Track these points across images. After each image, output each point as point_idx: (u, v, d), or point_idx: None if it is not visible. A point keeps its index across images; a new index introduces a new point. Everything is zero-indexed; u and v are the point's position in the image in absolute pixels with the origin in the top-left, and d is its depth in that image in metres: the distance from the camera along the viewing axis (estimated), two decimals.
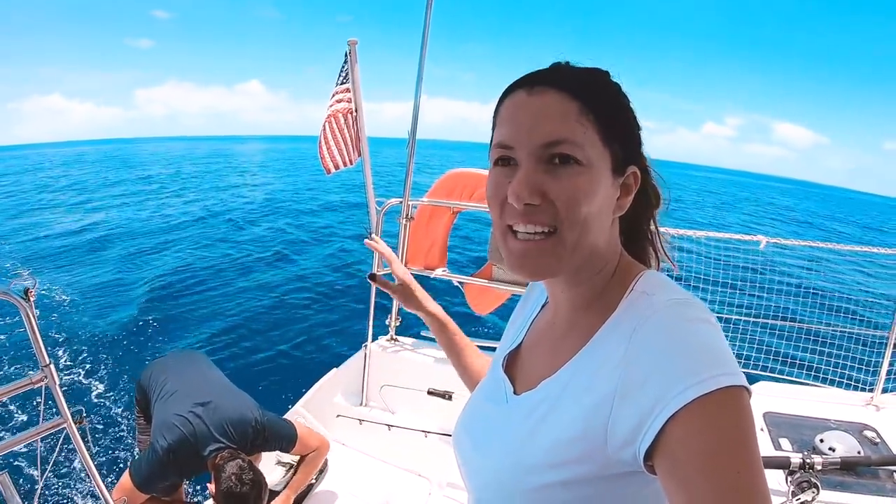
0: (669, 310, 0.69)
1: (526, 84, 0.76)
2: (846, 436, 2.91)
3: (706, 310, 0.70)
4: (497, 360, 0.98)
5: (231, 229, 17.24)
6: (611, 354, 0.70)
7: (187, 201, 23.90)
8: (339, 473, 3.21)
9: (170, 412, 2.60)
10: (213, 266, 12.39)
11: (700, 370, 0.60)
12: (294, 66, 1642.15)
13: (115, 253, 13.72)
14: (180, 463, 2.50)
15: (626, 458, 0.65)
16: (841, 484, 2.60)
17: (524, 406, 0.81)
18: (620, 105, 0.78)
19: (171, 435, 2.49)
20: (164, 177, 37.22)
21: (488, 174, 0.80)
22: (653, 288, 0.75)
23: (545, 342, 0.90)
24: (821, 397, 3.57)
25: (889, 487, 2.63)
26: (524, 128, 0.73)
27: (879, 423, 3.23)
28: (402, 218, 3.59)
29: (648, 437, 0.61)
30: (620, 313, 0.75)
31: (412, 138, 3.41)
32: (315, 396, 3.58)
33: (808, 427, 3.09)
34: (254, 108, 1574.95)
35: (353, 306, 9.37)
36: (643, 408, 0.62)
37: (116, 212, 20.56)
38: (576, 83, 0.74)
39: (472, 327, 7.09)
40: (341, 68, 3.57)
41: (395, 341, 3.79)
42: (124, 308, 9.41)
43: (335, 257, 13.38)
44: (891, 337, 3.58)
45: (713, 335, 0.65)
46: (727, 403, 0.59)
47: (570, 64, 0.79)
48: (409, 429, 3.30)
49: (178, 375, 2.90)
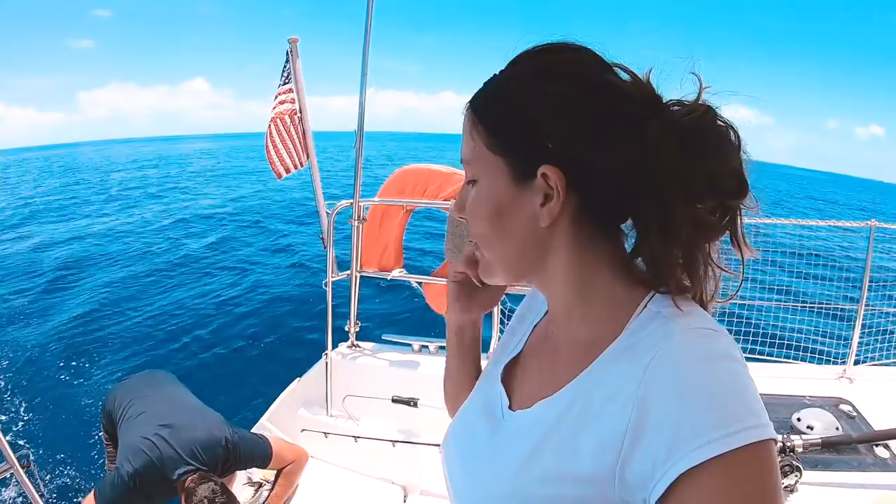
0: (693, 342, 0.60)
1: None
2: (823, 412, 2.88)
3: (732, 342, 0.61)
4: (493, 371, 0.89)
5: (176, 236, 16.58)
6: (621, 385, 0.61)
7: (129, 207, 23.25)
8: (311, 487, 3.13)
9: (135, 435, 2.48)
10: (157, 275, 12.00)
11: (724, 422, 0.53)
12: (237, 63, 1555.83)
13: (52, 265, 13.14)
14: (147, 488, 2.38)
15: (634, 502, 0.59)
16: (822, 462, 2.55)
17: (519, 427, 0.74)
18: (513, 100, 0.68)
19: (137, 459, 2.37)
20: (105, 182, 36.37)
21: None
22: (670, 309, 0.65)
23: (544, 355, 0.82)
24: (794, 373, 3.56)
25: (870, 461, 2.60)
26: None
27: (854, 395, 3.23)
28: (354, 220, 3.50)
29: (660, 487, 0.55)
30: (629, 335, 0.66)
31: (359, 138, 3.33)
32: (279, 410, 3.48)
33: (783, 406, 3.04)
34: (199, 106, 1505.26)
35: (309, 313, 9.13)
36: (657, 455, 0.55)
37: (54, 222, 19.79)
38: (477, 95, 0.73)
39: (438, 329, 6.96)
40: (283, 68, 3.46)
41: (356, 347, 3.71)
42: (62, 328, 8.96)
43: (288, 262, 13.06)
44: (860, 309, 3.57)
45: (740, 376, 0.57)
46: (754, 462, 0.53)
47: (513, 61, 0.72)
48: (376, 439, 3.19)
49: (143, 396, 2.77)
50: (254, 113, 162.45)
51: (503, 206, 0.69)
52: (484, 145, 0.70)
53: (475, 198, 0.72)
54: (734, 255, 0.67)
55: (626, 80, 0.67)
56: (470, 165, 0.73)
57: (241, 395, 6.29)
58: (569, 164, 0.65)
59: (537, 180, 0.66)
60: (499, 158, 0.69)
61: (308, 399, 3.63)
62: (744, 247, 0.66)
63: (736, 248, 0.66)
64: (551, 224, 0.68)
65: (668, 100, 0.66)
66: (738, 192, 0.63)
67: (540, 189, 0.66)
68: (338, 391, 3.49)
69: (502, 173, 0.69)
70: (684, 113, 0.64)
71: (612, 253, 0.70)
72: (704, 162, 0.62)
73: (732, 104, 0.65)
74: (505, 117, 0.68)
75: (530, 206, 0.68)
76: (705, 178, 0.62)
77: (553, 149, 0.65)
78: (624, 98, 0.65)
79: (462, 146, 0.74)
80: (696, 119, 0.63)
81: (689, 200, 0.62)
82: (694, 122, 0.63)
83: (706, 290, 0.68)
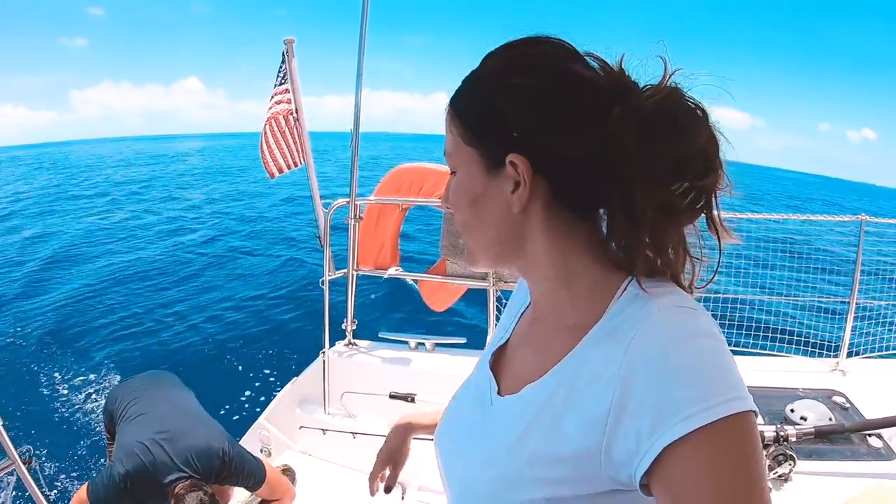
0: (671, 320, 0.62)
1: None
2: (816, 403, 2.89)
3: (711, 320, 0.63)
4: (485, 357, 0.92)
5: (171, 234, 16.55)
6: (604, 366, 0.63)
7: (122, 204, 23.17)
8: (308, 485, 3.12)
9: (132, 437, 2.46)
10: (153, 273, 11.97)
11: (705, 396, 0.55)
12: (230, 63, 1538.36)
13: (51, 261, 13.14)
14: (138, 491, 2.36)
15: (620, 479, 0.61)
16: (816, 452, 2.57)
17: (508, 412, 0.76)
18: (482, 94, 0.72)
19: (130, 461, 2.35)
20: (99, 181, 36.02)
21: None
22: (649, 290, 0.66)
23: (531, 341, 0.83)
24: (787, 367, 3.58)
25: (863, 451, 2.63)
26: None
27: (847, 387, 3.25)
28: (351, 218, 3.51)
29: (645, 462, 0.57)
30: (611, 317, 0.67)
31: (355, 137, 3.33)
32: (276, 408, 3.48)
33: (777, 398, 3.06)
34: (192, 106, 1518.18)
35: (306, 311, 9.12)
36: (641, 431, 0.57)
37: (44, 220, 19.64)
38: (455, 91, 0.76)
39: (434, 326, 6.96)
40: (279, 68, 3.47)
41: (353, 345, 3.72)
42: (58, 326, 8.96)
43: (285, 261, 13.02)
44: (851, 303, 3.60)
45: (719, 352, 0.59)
46: (733, 433, 0.54)
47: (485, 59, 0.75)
48: (374, 435, 3.20)
49: (145, 398, 2.76)
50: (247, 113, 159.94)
51: (478, 195, 0.73)
52: (460, 138, 0.73)
53: (455, 188, 0.76)
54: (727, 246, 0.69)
55: (594, 69, 0.68)
56: (450, 158, 0.76)
57: (238, 393, 6.30)
58: (534, 153, 0.67)
59: (507, 169, 0.69)
60: (472, 150, 0.72)
61: (305, 397, 3.63)
62: (721, 230, 0.67)
63: (713, 232, 0.68)
64: (524, 210, 0.70)
65: (644, 85, 0.67)
66: (705, 172, 0.64)
67: (510, 177, 0.69)
68: (335, 389, 3.50)
69: (476, 164, 0.72)
70: (647, 96, 0.65)
71: (589, 237, 0.72)
72: (669, 145, 0.63)
73: (723, 107, 0.66)
74: (476, 110, 0.72)
75: (503, 193, 0.70)
76: (670, 160, 0.63)
77: (519, 138, 0.68)
78: (589, 87, 0.66)
79: (445, 141, 0.77)
80: (658, 101, 0.64)
81: (650, 185, 0.63)
82: (657, 104, 0.64)
83: (681, 275, 0.70)
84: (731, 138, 0.65)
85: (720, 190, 0.66)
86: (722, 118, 0.64)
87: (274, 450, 3.48)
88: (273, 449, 3.49)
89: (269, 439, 3.49)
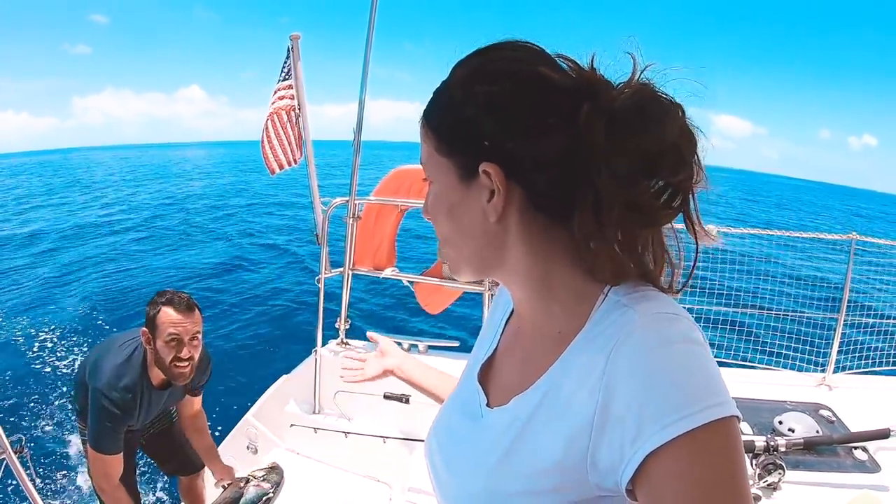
0: (652, 327, 0.61)
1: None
2: (803, 416, 2.93)
3: (693, 326, 0.62)
4: (471, 369, 0.91)
5: (168, 237, 16.56)
6: (587, 375, 0.63)
7: (124, 210, 23.22)
8: (296, 484, 3.10)
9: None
10: (150, 268, 12.07)
11: (686, 402, 0.54)
12: (233, 70, 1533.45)
13: (49, 266, 13.11)
14: (116, 397, 2.44)
15: (607, 486, 0.61)
16: (803, 463, 2.61)
17: (496, 424, 0.76)
18: (451, 103, 0.71)
19: (96, 382, 2.47)
20: (101, 187, 36.08)
21: None
22: (630, 297, 0.66)
23: (516, 351, 0.83)
24: (775, 380, 3.62)
25: (849, 463, 2.67)
26: None
27: (833, 401, 3.30)
28: (349, 217, 3.51)
29: (629, 470, 0.57)
30: (594, 325, 0.67)
31: (357, 136, 3.33)
32: (265, 405, 3.47)
33: (765, 410, 3.10)
34: (194, 114, 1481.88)
35: (299, 309, 9.13)
36: (624, 440, 0.57)
37: (48, 224, 19.71)
38: (429, 101, 0.76)
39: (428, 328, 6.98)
40: (283, 64, 3.45)
41: (346, 345, 3.69)
42: (62, 322, 9.01)
43: (281, 260, 13.07)
44: (839, 318, 3.66)
45: (701, 358, 0.59)
46: (715, 439, 0.54)
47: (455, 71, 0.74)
48: (367, 435, 3.19)
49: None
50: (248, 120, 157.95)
51: (455, 206, 0.73)
52: (433, 149, 0.73)
53: (432, 199, 0.76)
54: (714, 251, 0.68)
55: (563, 70, 0.67)
56: (426, 168, 0.76)
57: (227, 390, 6.26)
58: (505, 159, 0.67)
59: (480, 178, 0.68)
60: (445, 160, 0.72)
61: (296, 396, 3.62)
62: (699, 231, 0.66)
63: (690, 231, 0.66)
64: (501, 219, 0.69)
65: (619, 83, 0.65)
66: (678, 167, 0.62)
67: (484, 186, 0.68)
68: (327, 388, 3.47)
69: (451, 174, 0.72)
70: (617, 93, 0.64)
71: (568, 244, 0.70)
72: (638, 139, 0.61)
73: (726, 115, 0.65)
74: (446, 120, 0.72)
75: (479, 203, 0.70)
76: (639, 155, 0.62)
77: (489, 146, 0.67)
78: (556, 88, 0.65)
79: (420, 151, 0.77)
80: (628, 97, 0.63)
81: (620, 182, 0.62)
82: (627, 99, 0.63)
83: (658, 279, 0.69)
84: (733, 146, 0.64)
85: (698, 187, 0.64)
86: (724, 126, 0.63)
87: (261, 447, 3.46)
88: (260, 446, 3.47)
89: (257, 436, 3.48)
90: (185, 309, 2.44)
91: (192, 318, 2.46)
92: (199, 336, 2.50)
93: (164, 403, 2.80)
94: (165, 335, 2.40)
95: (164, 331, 2.40)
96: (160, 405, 2.76)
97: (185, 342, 2.44)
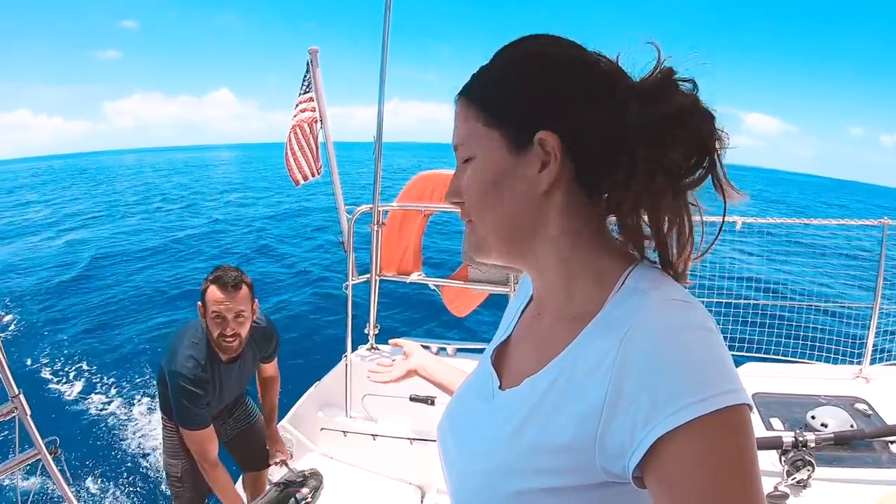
0: (665, 313, 0.63)
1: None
2: (838, 410, 2.87)
3: (706, 313, 0.64)
4: (487, 353, 0.94)
5: (199, 242, 16.91)
6: (601, 358, 0.64)
7: (156, 215, 23.73)
8: (330, 487, 3.14)
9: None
10: (183, 280, 12.21)
11: (699, 388, 0.56)
12: (261, 74, 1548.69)
13: (90, 274, 13.31)
14: (188, 373, 2.53)
15: (614, 471, 0.62)
16: (836, 459, 2.55)
17: (508, 405, 0.77)
18: (504, 78, 0.75)
19: (171, 366, 2.56)
20: (136, 190, 37.08)
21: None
22: (646, 284, 0.68)
23: (532, 336, 0.85)
24: (809, 374, 3.55)
25: (885, 458, 2.59)
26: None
27: (870, 394, 3.21)
28: (374, 224, 3.54)
29: (638, 453, 0.58)
30: (610, 310, 0.69)
31: (378, 143, 3.37)
32: (298, 412, 3.53)
33: (798, 405, 3.05)
34: (224, 117, 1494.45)
35: (329, 317, 9.21)
36: (635, 423, 0.58)
37: (90, 230, 20.05)
38: (469, 82, 0.79)
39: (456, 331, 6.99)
40: (304, 77, 3.53)
41: (376, 350, 3.73)
42: (98, 330, 9.25)
43: (310, 267, 13.18)
44: (874, 308, 3.57)
45: (713, 345, 0.60)
46: (726, 426, 0.55)
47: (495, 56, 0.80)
48: (394, 437, 3.23)
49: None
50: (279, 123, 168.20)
51: (501, 177, 0.74)
52: (479, 122, 0.75)
53: (472, 173, 0.76)
54: (719, 252, 0.70)
55: (597, 58, 0.74)
56: (464, 146, 0.77)
57: None
58: (562, 128, 0.70)
59: (534, 147, 0.71)
60: (494, 132, 0.74)
61: (327, 401, 3.67)
62: (727, 188, 0.69)
63: (718, 191, 0.69)
64: (549, 190, 0.72)
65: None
66: (703, 122, 0.67)
67: (537, 156, 0.71)
68: (357, 392, 3.53)
69: (499, 145, 0.73)
70: (646, 76, 0.70)
71: (597, 224, 0.75)
72: (666, 104, 0.67)
73: (756, 113, 0.68)
74: (499, 93, 0.74)
75: (528, 173, 0.72)
76: (667, 118, 0.66)
77: (547, 114, 0.71)
78: (597, 68, 0.72)
79: (453, 136, 0.79)
80: (657, 78, 0.69)
81: (654, 142, 0.66)
82: (656, 80, 0.69)
83: (672, 246, 0.71)
84: (763, 145, 0.67)
85: (724, 148, 0.68)
86: (754, 124, 0.69)
87: (296, 452, 3.53)
88: (295, 451, 3.54)
89: (292, 442, 3.55)
90: (230, 288, 2.51)
91: (235, 297, 2.52)
92: (243, 314, 2.56)
93: (237, 377, 2.87)
94: (211, 312, 2.51)
95: (209, 308, 2.52)
96: (232, 380, 2.82)
97: (230, 320, 2.52)
